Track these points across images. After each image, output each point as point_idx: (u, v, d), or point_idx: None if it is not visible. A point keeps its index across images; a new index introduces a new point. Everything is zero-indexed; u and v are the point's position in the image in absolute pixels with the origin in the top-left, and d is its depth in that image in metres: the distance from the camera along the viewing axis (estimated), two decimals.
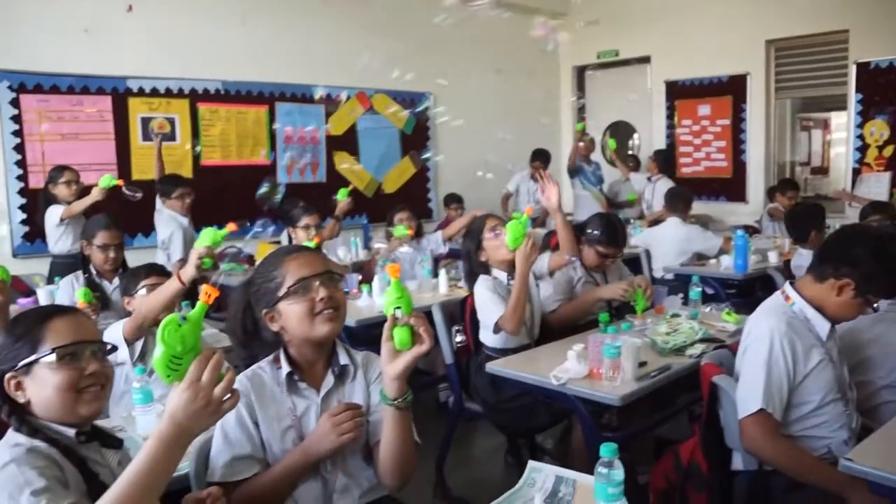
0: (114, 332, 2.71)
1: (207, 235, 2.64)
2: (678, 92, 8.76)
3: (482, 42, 8.29)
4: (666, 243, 5.62)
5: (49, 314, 1.54)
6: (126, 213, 5.65)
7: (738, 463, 2.42)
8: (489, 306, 3.29)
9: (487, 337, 3.43)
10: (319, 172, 7.50)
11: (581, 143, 8.11)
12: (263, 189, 4.37)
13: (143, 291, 2.88)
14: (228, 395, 1.36)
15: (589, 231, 3.82)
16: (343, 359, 1.90)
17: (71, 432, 1.51)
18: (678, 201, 5.86)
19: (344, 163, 7.67)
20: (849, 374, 2.44)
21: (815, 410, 2.31)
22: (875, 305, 2.30)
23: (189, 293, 2.74)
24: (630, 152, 9.42)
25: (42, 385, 1.49)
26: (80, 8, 5.89)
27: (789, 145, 8.68)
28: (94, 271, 3.86)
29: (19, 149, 5.74)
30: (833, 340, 2.39)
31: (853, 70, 7.30)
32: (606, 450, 1.51)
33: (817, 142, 9.83)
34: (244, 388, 1.80)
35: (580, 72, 9.93)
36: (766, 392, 2.24)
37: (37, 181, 5.72)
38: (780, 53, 8.06)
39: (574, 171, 8.06)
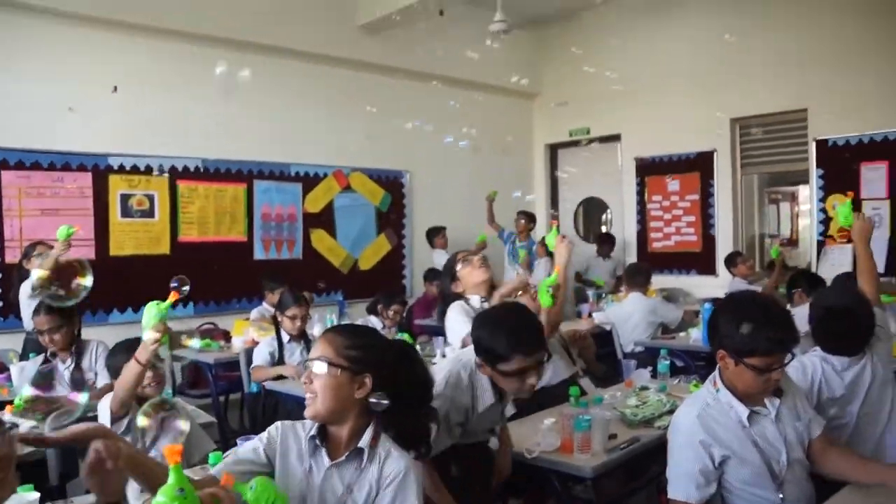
0: (103, 406, 2.77)
1: (153, 311, 2.47)
2: (648, 168, 9.00)
3: (458, 121, 8.52)
4: (631, 317, 5.73)
5: None
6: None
7: None
8: (458, 325, 3.44)
9: None
10: (296, 250, 7.58)
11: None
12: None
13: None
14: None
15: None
16: (363, 442, 1.90)
17: None
18: (638, 276, 6.00)
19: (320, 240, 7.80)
20: (788, 455, 2.34)
21: (739, 495, 2.30)
22: (774, 374, 2.26)
23: None
24: (603, 228, 9.65)
25: None
26: (66, 87, 6.04)
27: (757, 218, 8.89)
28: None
29: None
30: (767, 423, 2.34)
31: (813, 147, 7.57)
32: None
33: (785, 214, 10.09)
34: (273, 433, 1.93)
35: (553, 149, 10.20)
36: (675, 481, 2.30)
37: (13, 256, 5.75)
38: (745, 131, 8.33)
39: (498, 232, 8.44)
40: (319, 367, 1.87)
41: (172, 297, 2.48)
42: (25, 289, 5.09)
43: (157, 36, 6.47)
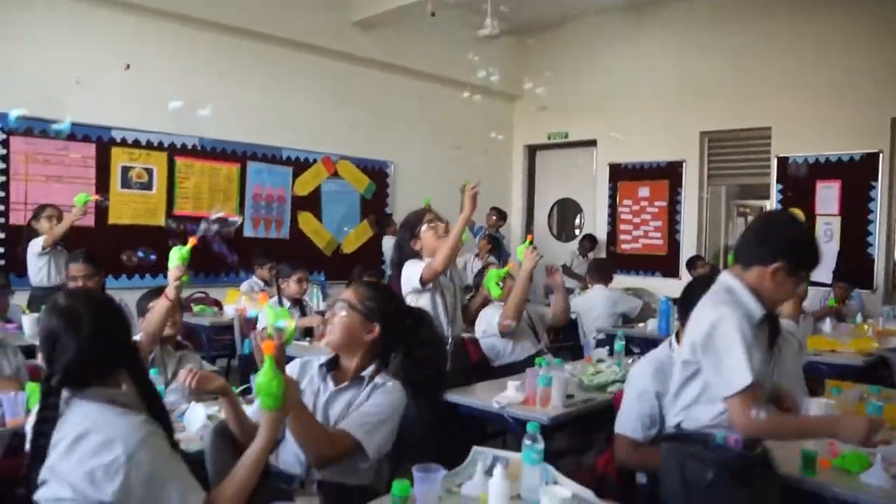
0: None
1: (176, 255, 2.93)
2: (620, 174, 9.48)
3: (442, 118, 8.93)
4: (595, 308, 6.16)
5: None
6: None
7: (641, 477, 2.89)
8: (414, 273, 3.58)
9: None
10: (283, 229, 7.97)
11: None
12: None
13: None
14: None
15: None
16: (366, 372, 2.31)
17: None
18: (602, 271, 6.44)
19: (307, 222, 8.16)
20: None
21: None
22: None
23: None
24: (577, 230, 10.13)
25: None
26: (76, 60, 6.35)
27: (724, 229, 9.36)
28: None
29: (3, 187, 6.10)
30: None
31: (774, 163, 8.11)
32: (532, 426, 1.98)
33: None
34: (292, 367, 2.38)
35: (531, 151, 10.65)
36: (625, 422, 2.76)
37: (17, 218, 6.08)
38: (713, 144, 8.84)
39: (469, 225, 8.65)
40: (340, 308, 2.34)
41: (191, 241, 2.97)
42: (34, 247, 5.43)
43: (165, 19, 6.83)
